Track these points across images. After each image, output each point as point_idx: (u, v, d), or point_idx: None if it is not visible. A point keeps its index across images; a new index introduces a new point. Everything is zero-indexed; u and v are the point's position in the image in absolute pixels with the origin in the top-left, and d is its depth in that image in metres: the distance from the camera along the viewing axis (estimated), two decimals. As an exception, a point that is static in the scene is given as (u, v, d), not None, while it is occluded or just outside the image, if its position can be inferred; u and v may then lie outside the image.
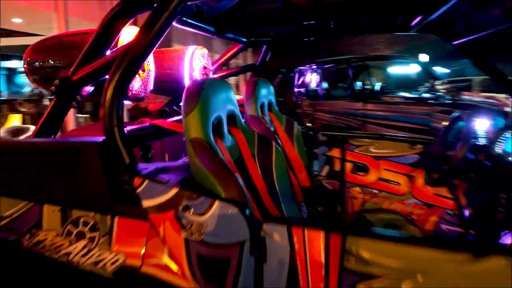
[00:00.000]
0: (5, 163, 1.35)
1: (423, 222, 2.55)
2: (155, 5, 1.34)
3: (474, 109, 5.65)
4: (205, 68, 2.60)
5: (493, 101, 6.43)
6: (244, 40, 2.65)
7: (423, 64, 7.82)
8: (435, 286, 1.03)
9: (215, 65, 2.77)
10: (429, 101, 6.77)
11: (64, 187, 1.28)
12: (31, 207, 1.31)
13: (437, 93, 7.59)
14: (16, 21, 9.28)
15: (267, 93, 2.49)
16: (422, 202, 2.67)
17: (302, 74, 8.64)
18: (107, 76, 1.48)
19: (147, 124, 1.71)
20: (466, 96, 7.21)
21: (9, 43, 12.09)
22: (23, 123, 11.79)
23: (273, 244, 1.15)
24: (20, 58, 17.35)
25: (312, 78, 8.90)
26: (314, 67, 8.68)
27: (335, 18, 2.22)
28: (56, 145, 1.32)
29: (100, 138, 1.27)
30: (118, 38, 1.61)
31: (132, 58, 1.28)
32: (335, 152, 2.96)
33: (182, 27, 1.87)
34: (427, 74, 7.25)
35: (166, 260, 1.19)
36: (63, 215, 1.27)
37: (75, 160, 1.25)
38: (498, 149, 2.39)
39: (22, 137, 6.04)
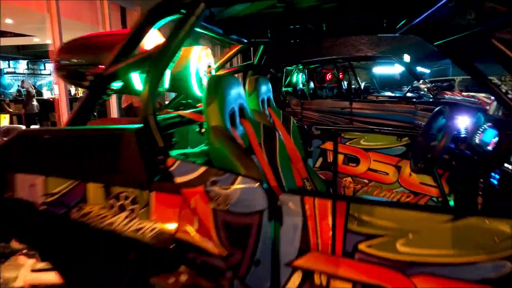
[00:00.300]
0: (54, 147, 1.55)
1: None
2: (182, 11, 1.55)
3: (456, 106, 5.96)
4: (209, 66, 2.81)
5: (475, 100, 6.77)
6: (245, 41, 2.87)
7: (406, 64, 8.15)
8: (423, 242, 1.27)
9: (218, 64, 2.99)
10: (412, 99, 7.10)
11: (106, 167, 1.48)
12: (77, 185, 1.51)
13: (420, 92, 7.93)
14: (8, 22, 9.33)
15: (266, 89, 2.72)
16: (409, 190, 2.92)
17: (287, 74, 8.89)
18: (133, 73, 1.69)
19: (172, 114, 1.91)
20: (448, 95, 7.54)
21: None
22: (11, 123, 11.81)
23: (288, 211, 1.37)
24: (4, 58, 17.05)
25: (299, 78, 9.17)
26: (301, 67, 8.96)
27: (330, 20, 2.45)
28: (99, 132, 1.53)
29: (137, 126, 1.47)
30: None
31: (164, 58, 1.50)
32: (328, 145, 3.20)
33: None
34: (410, 74, 7.56)
35: (196, 227, 1.40)
36: (106, 191, 1.48)
37: (116, 144, 1.46)
38: (477, 140, 2.64)
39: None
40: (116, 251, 1.46)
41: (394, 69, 11.61)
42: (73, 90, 17.15)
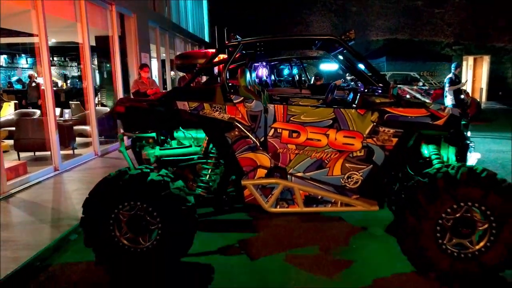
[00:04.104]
0: (191, 93, 4.79)
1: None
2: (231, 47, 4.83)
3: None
4: (225, 64, 6.10)
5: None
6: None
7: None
8: (308, 115, 4.60)
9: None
10: (344, 87, 10.60)
11: (209, 96, 4.73)
12: (200, 103, 4.74)
13: (349, 83, 11.50)
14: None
15: (254, 75, 6.05)
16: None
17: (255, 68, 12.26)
18: (215, 68, 5.02)
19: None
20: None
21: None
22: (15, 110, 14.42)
23: (270, 109, 4.68)
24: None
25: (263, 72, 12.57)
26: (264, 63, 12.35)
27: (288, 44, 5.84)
28: (208, 88, 4.78)
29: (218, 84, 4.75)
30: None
31: (227, 64, 4.78)
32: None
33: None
34: (341, 70, 11.06)
35: (240, 116, 4.68)
36: (210, 105, 4.72)
37: (214, 90, 4.72)
38: (348, 98, 6.08)
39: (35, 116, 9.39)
40: (215, 124, 4.72)
41: (337, 66, 15.11)
42: (59, 82, 19.83)
